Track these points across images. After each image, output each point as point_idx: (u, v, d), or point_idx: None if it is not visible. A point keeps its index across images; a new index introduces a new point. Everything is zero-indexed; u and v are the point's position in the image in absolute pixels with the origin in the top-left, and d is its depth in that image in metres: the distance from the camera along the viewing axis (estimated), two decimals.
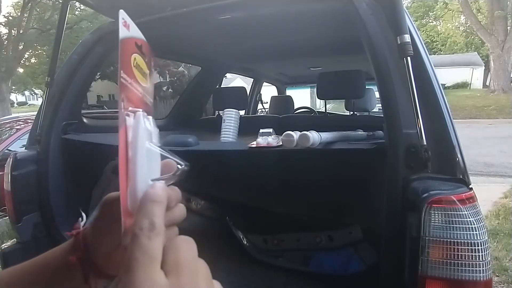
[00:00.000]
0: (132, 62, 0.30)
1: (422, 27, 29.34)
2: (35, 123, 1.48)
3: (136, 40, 0.31)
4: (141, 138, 0.29)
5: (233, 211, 1.67)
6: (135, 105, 0.30)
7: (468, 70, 23.27)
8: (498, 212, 3.30)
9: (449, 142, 0.83)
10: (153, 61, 0.35)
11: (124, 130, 0.28)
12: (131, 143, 0.29)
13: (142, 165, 0.29)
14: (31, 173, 1.39)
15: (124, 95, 0.29)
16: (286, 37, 1.84)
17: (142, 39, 0.32)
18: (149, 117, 0.32)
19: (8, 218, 1.46)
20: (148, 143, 0.30)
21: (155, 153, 0.31)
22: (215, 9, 1.27)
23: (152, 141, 0.31)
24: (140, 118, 0.30)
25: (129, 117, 0.29)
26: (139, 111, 0.30)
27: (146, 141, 0.30)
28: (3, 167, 1.35)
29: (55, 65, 1.43)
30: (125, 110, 0.29)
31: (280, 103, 3.46)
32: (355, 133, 1.34)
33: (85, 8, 12.00)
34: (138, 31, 0.32)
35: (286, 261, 1.40)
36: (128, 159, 0.28)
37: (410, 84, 0.82)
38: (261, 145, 1.14)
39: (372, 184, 1.15)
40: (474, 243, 0.71)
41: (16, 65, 14.66)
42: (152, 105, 0.34)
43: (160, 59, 15.87)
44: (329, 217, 1.53)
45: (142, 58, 0.32)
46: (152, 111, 0.33)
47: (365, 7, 0.98)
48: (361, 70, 1.88)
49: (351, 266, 1.32)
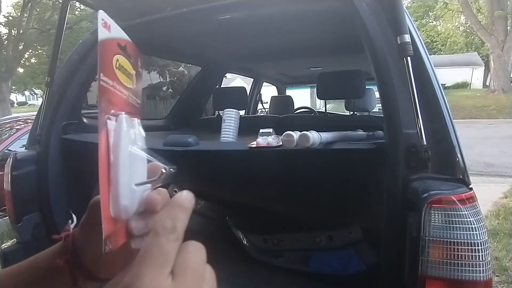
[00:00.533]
0: (114, 63, 0.29)
1: (422, 27, 29.32)
2: (35, 123, 1.48)
3: (119, 41, 0.31)
4: (124, 142, 0.29)
5: (233, 211, 1.67)
6: (118, 108, 0.29)
7: (468, 70, 23.26)
8: (498, 212, 3.30)
9: (449, 142, 0.82)
10: (140, 61, 0.34)
11: (105, 134, 0.28)
12: (113, 147, 0.28)
13: (124, 170, 0.28)
14: (31, 173, 1.38)
15: (106, 98, 0.28)
16: (286, 37, 1.83)
17: (126, 40, 0.32)
18: (134, 120, 0.31)
19: (8, 218, 1.45)
20: (131, 147, 0.29)
21: (140, 157, 0.30)
22: (215, 9, 1.27)
23: (137, 143, 0.30)
24: (123, 121, 0.29)
25: (110, 120, 0.28)
26: (121, 114, 0.29)
27: (129, 144, 0.29)
28: (3, 167, 1.35)
29: (55, 65, 1.43)
30: (106, 114, 0.28)
31: (280, 103, 3.46)
32: (355, 133, 1.34)
33: (85, 8, 12.00)
34: (120, 32, 0.31)
35: (286, 261, 1.40)
36: (110, 164, 0.28)
37: (410, 84, 0.82)
38: (261, 145, 1.14)
39: (372, 184, 1.15)
40: (474, 243, 0.71)
41: (16, 65, 14.65)
42: (139, 106, 0.33)
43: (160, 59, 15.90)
44: (329, 217, 1.53)
45: (126, 59, 0.31)
46: (139, 113, 0.33)
47: (365, 7, 0.98)
48: (361, 70, 1.88)
49: (351, 266, 1.32)
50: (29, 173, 1.38)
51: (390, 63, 0.89)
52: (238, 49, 2.24)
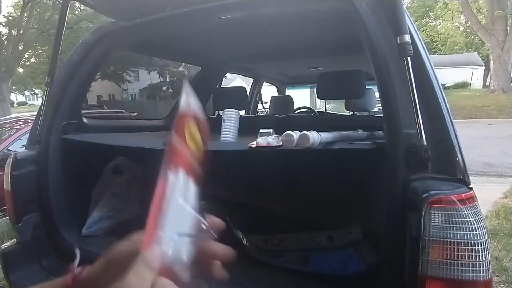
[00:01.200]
0: (186, 127, 0.36)
1: (422, 27, 29.33)
2: (35, 123, 1.48)
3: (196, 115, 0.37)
4: (176, 194, 0.33)
5: (233, 211, 1.67)
6: (181, 165, 0.34)
7: (468, 70, 23.27)
8: (498, 212, 3.30)
9: (449, 142, 0.82)
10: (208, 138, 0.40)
11: (163, 183, 0.33)
12: (167, 197, 0.32)
13: (171, 218, 0.32)
14: (31, 173, 1.38)
15: (172, 153, 0.34)
16: (286, 37, 1.83)
17: (201, 118, 0.38)
18: (189, 178, 0.36)
19: (8, 218, 1.46)
20: (182, 200, 0.34)
21: (187, 211, 0.34)
22: (215, 9, 1.27)
23: (188, 199, 0.35)
24: (180, 176, 0.34)
25: (171, 172, 0.33)
26: (180, 170, 0.34)
27: (181, 197, 0.34)
28: (3, 167, 1.35)
29: (55, 65, 1.43)
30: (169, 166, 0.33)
31: (280, 103, 3.45)
32: (355, 133, 1.34)
33: (85, 8, 12.00)
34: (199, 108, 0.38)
35: (286, 261, 1.40)
36: (161, 209, 0.32)
37: (410, 84, 0.82)
38: (261, 145, 1.14)
39: (372, 184, 1.15)
40: (474, 243, 0.71)
41: (16, 65, 14.66)
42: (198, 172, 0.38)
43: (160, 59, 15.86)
44: (329, 217, 1.53)
45: (197, 130, 0.37)
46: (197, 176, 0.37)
47: (365, 7, 0.98)
48: (361, 70, 1.88)
49: (351, 266, 1.32)
50: (29, 173, 1.38)
51: (390, 63, 0.89)
52: (238, 49, 2.24)
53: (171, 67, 18.03)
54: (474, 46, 28.18)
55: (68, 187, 1.47)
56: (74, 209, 1.49)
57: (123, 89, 24.84)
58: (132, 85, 25.36)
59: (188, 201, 0.35)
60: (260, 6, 1.22)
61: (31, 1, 14.02)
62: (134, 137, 1.79)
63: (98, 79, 14.48)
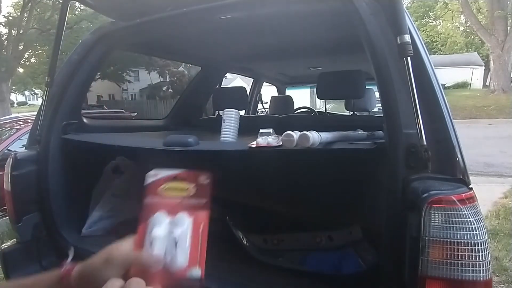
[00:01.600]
0: (161, 190, 0.48)
1: (422, 27, 29.32)
2: (35, 123, 1.48)
3: (170, 177, 0.51)
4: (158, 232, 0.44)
5: (233, 211, 1.67)
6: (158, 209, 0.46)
7: (468, 70, 23.27)
8: (498, 212, 3.30)
9: (449, 142, 0.82)
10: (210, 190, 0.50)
11: (144, 226, 0.45)
12: (148, 234, 0.44)
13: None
14: (31, 173, 1.38)
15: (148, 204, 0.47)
16: (286, 37, 1.83)
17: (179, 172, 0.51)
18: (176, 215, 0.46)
19: (8, 218, 1.45)
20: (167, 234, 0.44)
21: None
22: (215, 9, 1.27)
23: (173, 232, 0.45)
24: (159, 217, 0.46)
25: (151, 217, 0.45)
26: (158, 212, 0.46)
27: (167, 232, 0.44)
28: (3, 167, 1.35)
29: (55, 65, 1.43)
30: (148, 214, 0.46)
31: (280, 103, 3.45)
32: (355, 133, 1.34)
33: (85, 8, 12.00)
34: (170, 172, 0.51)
35: (286, 261, 1.40)
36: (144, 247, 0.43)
37: (410, 84, 0.81)
38: (261, 145, 1.14)
39: (372, 184, 1.15)
40: (474, 243, 0.71)
41: (16, 65, 14.66)
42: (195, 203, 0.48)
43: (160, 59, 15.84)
44: (329, 217, 1.53)
45: (178, 183, 0.49)
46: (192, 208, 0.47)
47: (365, 7, 0.98)
48: (361, 70, 1.88)
49: (350, 266, 1.32)
50: (29, 173, 1.38)
51: (390, 63, 0.89)
52: (238, 49, 2.24)
53: (171, 67, 18.03)
54: (474, 46, 28.19)
55: (68, 187, 1.47)
56: (74, 209, 1.49)
57: (123, 89, 24.85)
58: (132, 85, 25.37)
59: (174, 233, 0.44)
60: (260, 6, 1.22)
61: (31, 1, 14.01)
62: (134, 137, 1.79)
63: (98, 79, 14.49)
